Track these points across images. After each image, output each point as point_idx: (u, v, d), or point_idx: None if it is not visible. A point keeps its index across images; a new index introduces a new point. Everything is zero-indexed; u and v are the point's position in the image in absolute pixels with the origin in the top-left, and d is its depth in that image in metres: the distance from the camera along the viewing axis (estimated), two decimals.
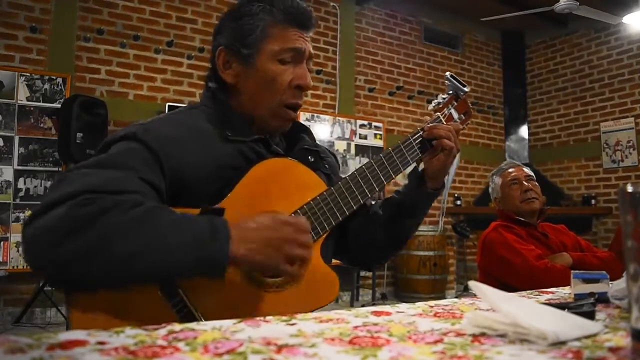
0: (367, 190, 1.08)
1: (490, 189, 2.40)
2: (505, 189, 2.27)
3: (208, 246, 0.80)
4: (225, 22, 1.10)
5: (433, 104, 1.24)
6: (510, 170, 2.30)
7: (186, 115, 1.07)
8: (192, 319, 0.87)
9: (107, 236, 0.77)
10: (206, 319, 0.86)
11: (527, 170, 2.31)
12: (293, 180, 1.03)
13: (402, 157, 1.13)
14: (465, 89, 1.26)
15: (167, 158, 0.93)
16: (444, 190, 1.23)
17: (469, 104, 1.28)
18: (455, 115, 1.25)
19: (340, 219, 1.05)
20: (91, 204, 0.78)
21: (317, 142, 1.22)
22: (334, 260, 1.21)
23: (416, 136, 1.16)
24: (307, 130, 1.21)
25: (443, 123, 1.20)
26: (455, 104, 1.25)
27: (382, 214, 1.22)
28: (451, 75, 1.27)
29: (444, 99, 1.25)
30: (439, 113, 1.23)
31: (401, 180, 1.33)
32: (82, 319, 0.83)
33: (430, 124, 1.17)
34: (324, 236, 1.03)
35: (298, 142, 1.16)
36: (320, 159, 1.18)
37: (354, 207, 1.06)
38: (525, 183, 2.24)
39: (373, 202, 1.27)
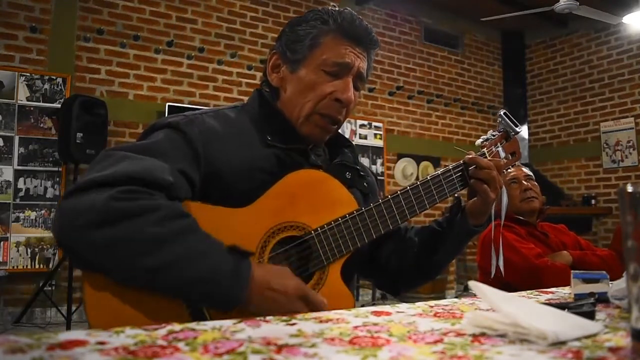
0: (398, 217, 1.03)
1: None
2: (505, 188, 2.27)
3: (225, 286, 0.81)
4: (286, 28, 1.11)
5: (481, 140, 1.19)
6: (509, 169, 2.29)
7: (232, 112, 1.08)
8: None
9: (135, 241, 0.79)
10: None
11: (526, 169, 2.32)
12: (324, 195, 1.01)
13: (440, 188, 1.08)
14: (518, 130, 1.20)
15: (205, 151, 0.96)
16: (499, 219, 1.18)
17: (519, 146, 1.23)
18: (502, 155, 1.20)
19: (366, 241, 1.01)
20: (131, 200, 0.80)
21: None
22: None
23: (457, 169, 1.11)
24: (351, 147, 1.19)
25: (487, 158, 1.15)
26: (505, 142, 1.20)
27: (416, 241, 1.18)
28: (505, 114, 1.22)
29: (493, 135, 1.20)
30: (485, 149, 1.18)
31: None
32: (95, 298, 0.84)
33: (472, 155, 1.12)
34: (347, 256, 1.00)
35: (339, 157, 1.14)
36: (359, 177, 1.16)
37: (382, 232, 1.02)
38: (525, 182, 2.25)
39: (409, 228, 1.22)
